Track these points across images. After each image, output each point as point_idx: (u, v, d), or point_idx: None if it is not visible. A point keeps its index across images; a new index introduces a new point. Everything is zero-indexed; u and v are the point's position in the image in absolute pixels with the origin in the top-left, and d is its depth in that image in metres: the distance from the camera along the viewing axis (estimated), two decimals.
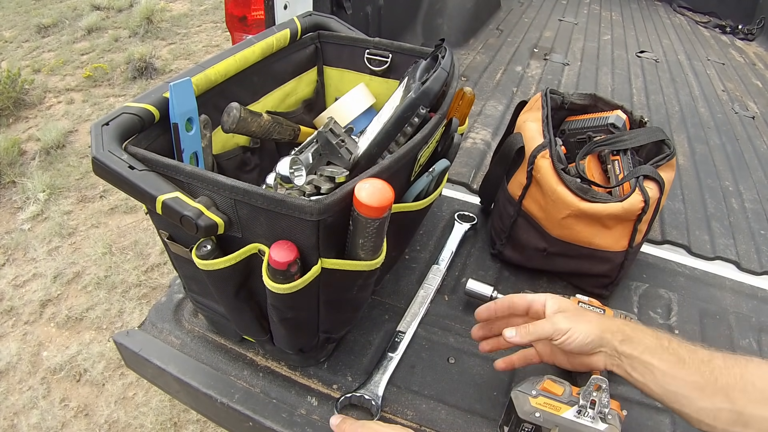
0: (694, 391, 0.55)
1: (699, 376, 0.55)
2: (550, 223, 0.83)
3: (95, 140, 0.55)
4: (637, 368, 0.58)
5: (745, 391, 0.53)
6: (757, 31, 2.76)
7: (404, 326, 0.78)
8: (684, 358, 0.57)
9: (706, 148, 1.48)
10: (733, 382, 0.54)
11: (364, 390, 0.69)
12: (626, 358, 0.59)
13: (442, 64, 0.68)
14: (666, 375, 0.57)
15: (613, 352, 0.60)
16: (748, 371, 0.54)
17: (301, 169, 0.65)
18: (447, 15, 1.95)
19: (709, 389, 0.54)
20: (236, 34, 1.14)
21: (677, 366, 0.57)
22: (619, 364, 0.60)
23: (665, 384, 0.56)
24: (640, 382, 0.58)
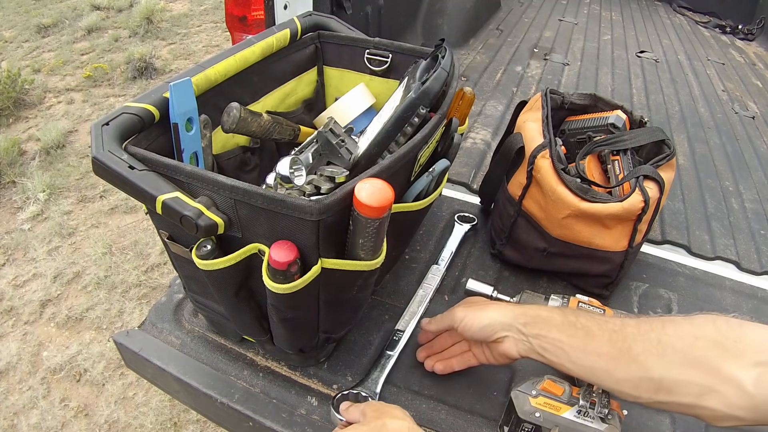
0: (608, 363, 0.52)
1: (611, 346, 0.53)
2: (550, 223, 0.83)
3: (95, 140, 0.55)
4: (547, 348, 0.57)
5: (664, 356, 0.49)
6: (757, 31, 2.76)
7: (403, 325, 0.78)
8: (593, 330, 0.55)
9: (706, 148, 1.48)
10: (648, 347, 0.50)
11: (362, 387, 0.69)
12: (534, 339, 0.58)
13: (442, 64, 0.68)
14: (577, 350, 0.55)
15: (520, 335, 0.59)
16: (665, 334, 0.50)
17: (301, 169, 0.65)
18: (447, 15, 1.95)
19: (623, 359, 0.52)
20: (236, 34, 1.14)
21: (587, 339, 0.55)
22: (529, 346, 0.59)
23: (578, 360, 0.55)
24: (554, 362, 0.57)
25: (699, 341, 0.48)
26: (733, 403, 0.45)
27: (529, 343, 0.59)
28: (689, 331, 0.49)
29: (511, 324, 0.61)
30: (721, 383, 0.45)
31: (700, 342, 0.48)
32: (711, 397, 0.46)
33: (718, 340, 0.47)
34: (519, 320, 0.60)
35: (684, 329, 0.50)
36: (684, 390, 0.48)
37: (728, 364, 0.45)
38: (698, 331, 0.49)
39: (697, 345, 0.48)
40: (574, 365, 0.55)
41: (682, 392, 0.48)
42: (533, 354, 0.59)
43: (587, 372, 0.54)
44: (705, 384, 0.46)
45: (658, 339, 0.50)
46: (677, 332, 0.50)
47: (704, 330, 0.49)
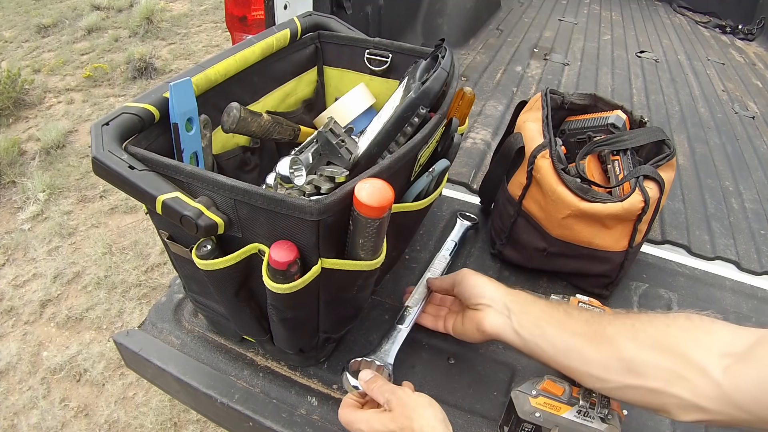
0: (582, 343, 0.53)
1: (587, 326, 0.54)
2: (550, 223, 0.83)
3: (95, 140, 0.55)
4: (525, 326, 0.57)
5: (636, 339, 0.49)
6: (757, 31, 2.76)
7: (412, 302, 0.76)
8: (572, 313, 0.56)
9: (706, 148, 1.48)
10: (622, 330, 0.51)
11: (375, 356, 0.68)
12: (515, 315, 0.59)
13: (442, 64, 0.68)
14: (554, 328, 0.55)
15: (503, 308, 0.60)
16: (639, 320, 0.51)
17: (301, 169, 0.65)
18: (447, 15, 1.95)
19: (597, 338, 0.52)
20: (236, 34, 1.14)
21: (566, 319, 0.56)
22: (506, 322, 0.59)
23: (553, 338, 0.55)
24: (529, 341, 0.57)
25: (671, 328, 0.49)
26: (700, 392, 0.45)
27: (509, 319, 0.59)
28: (662, 320, 0.50)
29: (500, 297, 0.62)
30: (689, 370, 0.45)
31: (672, 329, 0.49)
32: (679, 383, 0.46)
33: (690, 330, 0.48)
34: (508, 297, 0.62)
35: (658, 319, 0.51)
36: (653, 373, 0.47)
37: (698, 352, 0.46)
38: (671, 321, 0.50)
39: (669, 332, 0.48)
40: (548, 344, 0.55)
41: (651, 375, 0.47)
42: (508, 332, 0.59)
43: (560, 352, 0.54)
44: (674, 369, 0.46)
45: (632, 324, 0.51)
46: (651, 320, 0.51)
47: (677, 320, 0.49)
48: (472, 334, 0.65)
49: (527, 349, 0.58)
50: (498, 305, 0.61)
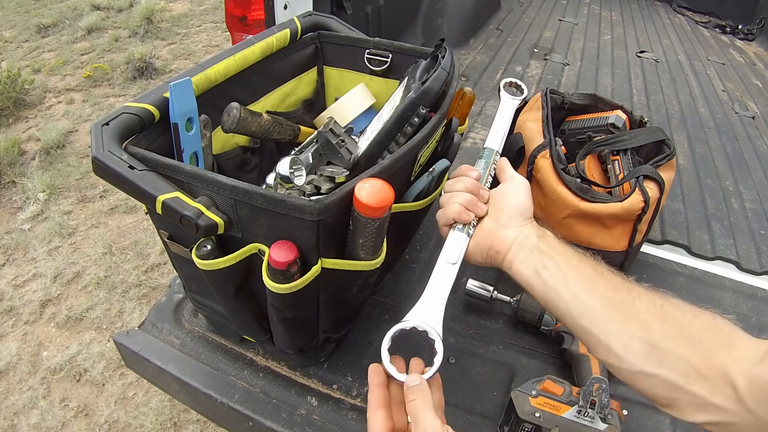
0: (607, 309, 0.47)
1: (616, 293, 0.48)
2: (550, 223, 0.83)
3: (95, 140, 0.55)
4: (549, 268, 0.50)
5: (665, 322, 0.45)
6: (757, 31, 2.76)
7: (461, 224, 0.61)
8: (603, 272, 0.50)
9: (706, 148, 1.48)
10: (652, 308, 0.46)
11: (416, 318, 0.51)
12: (540, 253, 0.52)
13: (442, 64, 0.68)
14: (580, 282, 0.48)
15: (528, 240, 0.53)
16: (669, 303, 0.47)
17: (301, 169, 0.65)
18: (447, 15, 1.95)
19: (626, 310, 0.46)
20: (236, 34, 1.14)
21: (595, 277, 0.49)
22: (529, 257, 0.52)
23: (578, 293, 0.48)
24: (549, 286, 0.50)
25: (698, 320, 0.46)
26: (716, 391, 0.42)
27: (530, 253, 0.52)
28: (690, 309, 0.47)
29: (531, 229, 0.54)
30: (709, 369, 0.43)
31: (698, 321, 0.46)
32: (698, 382, 0.43)
33: (714, 327, 0.45)
34: (538, 231, 0.54)
35: (685, 306, 0.47)
36: (674, 364, 0.44)
37: (719, 352, 0.43)
38: (698, 312, 0.47)
39: (696, 323, 0.46)
40: (570, 296, 0.49)
41: (671, 366, 0.44)
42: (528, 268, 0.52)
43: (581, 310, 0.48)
44: (695, 365, 0.43)
45: (662, 304, 0.47)
46: (679, 305, 0.47)
47: (704, 315, 0.47)
48: (480, 250, 0.56)
49: (542, 294, 0.51)
50: (525, 233, 0.53)
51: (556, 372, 0.75)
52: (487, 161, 0.67)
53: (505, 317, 0.84)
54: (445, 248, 0.57)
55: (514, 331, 0.82)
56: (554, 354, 0.78)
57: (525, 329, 0.82)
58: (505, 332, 0.82)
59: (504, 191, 0.59)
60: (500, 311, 0.85)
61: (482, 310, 0.85)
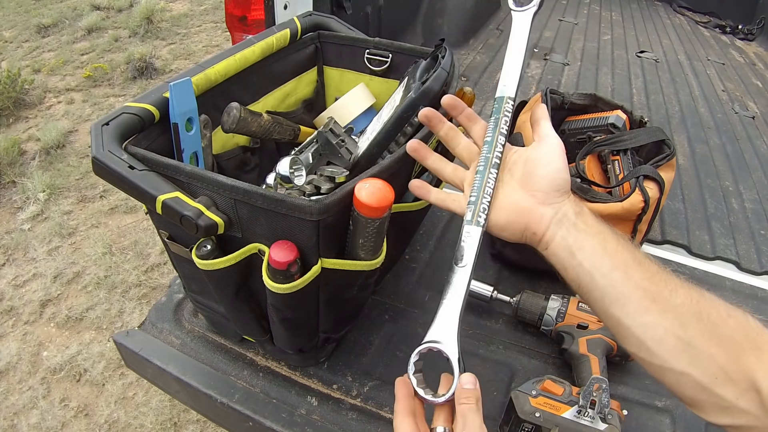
0: (644, 299, 0.44)
1: (653, 284, 0.45)
2: None
3: (95, 140, 0.55)
4: (584, 249, 0.47)
5: (700, 319, 0.43)
6: (757, 31, 2.76)
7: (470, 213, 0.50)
8: (641, 260, 0.47)
9: (706, 148, 1.48)
10: (689, 304, 0.44)
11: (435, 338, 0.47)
12: (577, 232, 0.48)
13: (442, 64, 0.68)
14: (617, 269, 0.46)
15: (565, 219, 0.49)
16: (704, 298, 0.45)
17: (301, 169, 0.65)
18: (447, 15, 1.95)
19: (662, 303, 0.44)
20: (236, 34, 1.14)
21: (632, 263, 0.46)
22: (565, 235, 0.48)
23: (613, 279, 0.45)
24: (583, 268, 0.46)
25: (731, 320, 0.44)
26: (741, 395, 0.42)
27: (566, 231, 0.48)
28: (723, 307, 0.45)
29: (568, 202, 0.49)
30: (737, 372, 0.42)
31: (731, 321, 0.44)
32: (725, 385, 0.42)
33: (746, 327, 0.44)
34: (576, 207, 0.49)
35: (719, 304, 0.45)
36: (705, 365, 0.42)
37: (749, 355, 0.42)
38: (731, 311, 0.45)
39: (729, 323, 0.44)
40: (605, 282, 0.45)
41: (702, 366, 0.42)
42: (561, 247, 0.48)
43: (615, 298, 0.45)
44: (724, 367, 0.42)
45: (698, 300, 0.45)
46: (713, 303, 0.45)
47: (736, 312, 0.45)
48: (514, 227, 0.50)
49: (575, 278, 0.48)
50: (563, 209, 0.49)
51: (556, 372, 0.75)
52: (497, 117, 0.54)
53: (505, 317, 0.84)
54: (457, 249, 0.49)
55: (514, 331, 0.82)
56: (554, 354, 0.78)
57: (525, 329, 0.82)
58: (505, 332, 0.82)
59: (538, 158, 0.51)
60: (500, 311, 0.85)
61: (482, 310, 0.85)
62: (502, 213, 0.51)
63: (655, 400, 0.72)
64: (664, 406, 0.72)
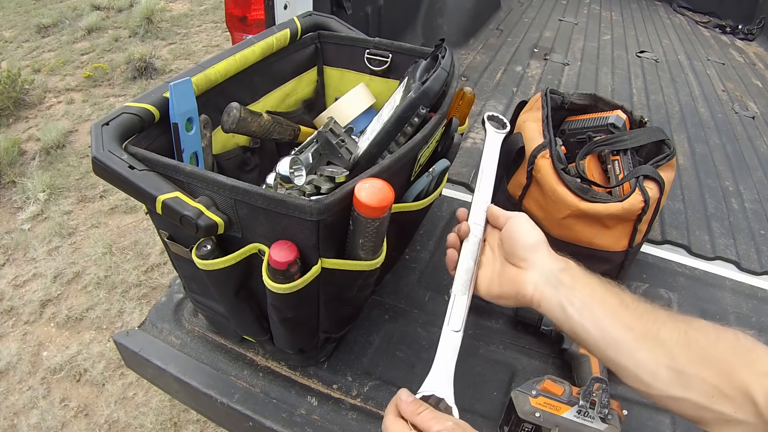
0: (634, 340, 0.49)
1: (641, 323, 0.50)
2: (550, 223, 0.83)
3: (95, 140, 0.55)
4: (575, 303, 0.51)
5: (689, 348, 0.47)
6: (757, 31, 2.76)
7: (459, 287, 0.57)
8: (628, 303, 0.51)
9: (706, 148, 1.48)
10: (676, 336, 0.48)
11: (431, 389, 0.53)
12: (564, 288, 0.52)
13: (442, 64, 0.68)
14: (607, 316, 0.50)
15: (551, 276, 0.53)
16: (692, 327, 0.49)
17: (301, 169, 0.65)
18: (447, 15, 1.95)
19: (651, 340, 0.49)
20: (236, 34, 1.14)
21: (621, 309, 0.51)
22: (553, 293, 0.52)
23: (605, 326, 0.50)
24: (574, 320, 0.51)
25: (720, 342, 0.48)
26: (739, 408, 0.45)
27: (555, 290, 0.52)
28: (713, 332, 0.49)
29: (550, 263, 0.54)
30: (731, 388, 0.45)
31: (721, 344, 0.48)
32: (722, 401, 0.46)
33: (737, 347, 0.48)
34: (559, 263, 0.54)
35: (708, 329, 0.49)
36: (699, 387, 0.46)
37: (741, 371, 0.46)
38: (721, 333, 0.49)
39: (718, 346, 0.48)
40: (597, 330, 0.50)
41: (697, 389, 0.47)
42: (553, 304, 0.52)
43: (608, 342, 0.50)
44: (718, 387, 0.46)
45: (686, 330, 0.49)
46: (702, 328, 0.49)
47: (726, 334, 0.49)
48: (507, 296, 0.56)
49: (569, 328, 0.52)
50: (546, 270, 0.54)
51: (556, 372, 0.75)
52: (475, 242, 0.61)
53: (505, 317, 0.84)
54: (449, 315, 0.55)
55: (514, 331, 0.82)
56: (554, 354, 0.78)
57: (525, 329, 0.82)
58: (505, 332, 0.82)
59: (508, 234, 0.58)
60: (500, 311, 0.85)
61: (482, 310, 0.85)
62: (494, 285, 0.58)
63: None
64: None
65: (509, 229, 0.58)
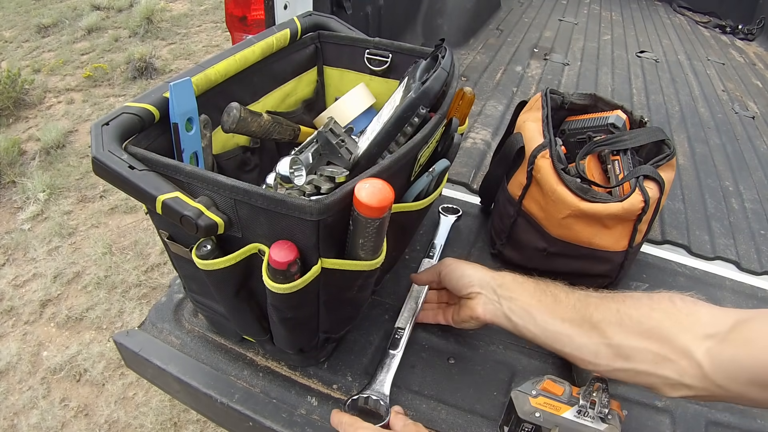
0: (571, 329, 0.55)
1: (574, 312, 0.56)
2: (550, 223, 0.83)
3: (95, 140, 0.55)
4: (516, 311, 0.60)
5: (621, 324, 0.52)
6: (757, 31, 2.76)
7: (402, 322, 0.77)
8: (560, 297, 0.58)
9: (706, 148, 1.48)
10: (608, 316, 0.53)
11: (370, 390, 0.68)
12: (505, 301, 0.61)
13: (442, 64, 0.68)
14: (544, 314, 0.57)
15: (492, 295, 0.62)
16: (624, 305, 0.53)
17: (301, 169, 0.65)
18: (447, 15, 1.95)
19: (586, 325, 0.54)
20: (236, 34, 1.14)
21: (554, 305, 0.58)
22: (498, 308, 0.61)
23: (544, 324, 0.57)
24: (520, 326, 0.59)
25: (654, 312, 0.51)
26: (684, 372, 0.48)
27: (500, 305, 0.61)
28: (646, 303, 0.53)
29: (487, 282, 0.63)
30: (674, 353, 0.48)
31: (655, 313, 0.51)
32: (665, 365, 0.49)
33: (672, 313, 0.50)
34: (495, 281, 0.63)
35: (642, 302, 0.53)
36: (640, 357, 0.50)
37: (681, 335, 0.48)
38: (654, 303, 0.52)
39: (653, 316, 0.51)
40: (539, 329, 0.57)
41: (639, 359, 0.50)
42: (500, 317, 0.61)
43: (550, 336, 0.57)
44: (659, 353, 0.49)
45: (617, 308, 0.53)
46: (635, 303, 0.53)
47: (660, 303, 0.52)
48: (468, 322, 0.66)
49: (519, 334, 0.60)
50: (487, 291, 0.63)
51: (556, 372, 0.75)
52: None
53: None
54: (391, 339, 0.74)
55: None
56: (554, 354, 0.78)
57: None
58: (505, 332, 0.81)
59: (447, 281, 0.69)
60: None
61: None
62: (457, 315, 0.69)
63: (654, 400, 0.72)
64: (664, 406, 0.72)
65: (445, 277, 0.69)
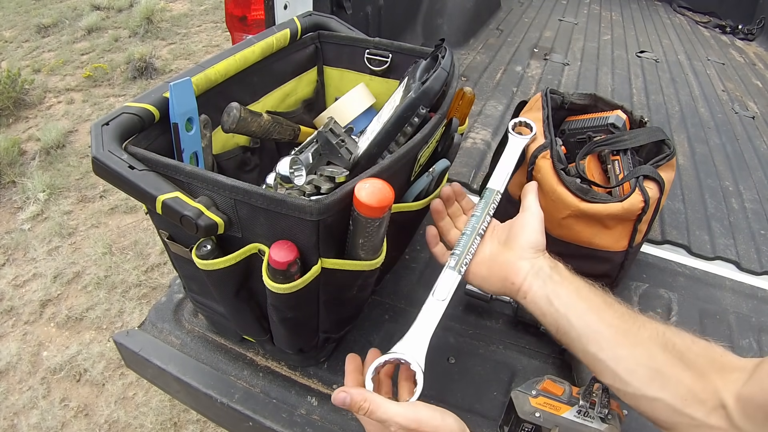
0: (615, 336, 0.51)
1: (623, 322, 0.52)
2: (550, 223, 0.83)
3: (95, 140, 0.55)
4: (561, 297, 0.54)
5: (666, 349, 0.49)
6: (757, 31, 2.76)
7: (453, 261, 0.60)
8: (610, 302, 0.54)
9: (706, 148, 1.48)
10: (654, 336, 0.50)
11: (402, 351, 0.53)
12: (552, 282, 0.55)
13: (442, 64, 0.68)
14: (590, 312, 0.52)
15: (541, 272, 0.56)
16: (669, 330, 0.51)
17: (301, 169, 0.65)
18: (447, 15, 1.95)
19: (632, 338, 0.50)
20: (236, 34, 1.14)
21: (603, 306, 0.53)
22: (542, 286, 0.55)
23: (588, 322, 0.52)
24: (560, 314, 0.53)
25: (695, 345, 0.50)
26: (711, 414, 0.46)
27: (543, 282, 0.55)
28: (689, 336, 0.51)
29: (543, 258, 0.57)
30: (705, 392, 0.46)
31: (695, 347, 0.49)
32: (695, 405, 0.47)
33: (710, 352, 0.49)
34: (551, 261, 0.57)
35: (684, 333, 0.51)
36: (675, 389, 0.47)
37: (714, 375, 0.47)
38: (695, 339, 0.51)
39: (693, 349, 0.49)
40: (581, 324, 0.52)
41: (672, 390, 0.48)
42: (539, 295, 0.55)
43: (591, 337, 0.51)
44: (693, 389, 0.47)
45: (664, 332, 0.51)
46: (679, 333, 0.51)
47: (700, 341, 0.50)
48: (495, 281, 0.58)
49: (554, 322, 0.54)
50: (538, 265, 0.56)
51: (556, 372, 0.75)
52: (486, 201, 0.67)
53: (505, 317, 0.84)
54: (436, 285, 0.58)
55: (514, 331, 0.82)
56: (554, 354, 0.78)
57: (525, 329, 0.82)
58: (505, 332, 0.82)
59: (519, 223, 0.61)
60: (500, 311, 0.85)
61: (482, 310, 0.85)
62: (483, 266, 0.60)
63: None
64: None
65: (521, 219, 0.61)
